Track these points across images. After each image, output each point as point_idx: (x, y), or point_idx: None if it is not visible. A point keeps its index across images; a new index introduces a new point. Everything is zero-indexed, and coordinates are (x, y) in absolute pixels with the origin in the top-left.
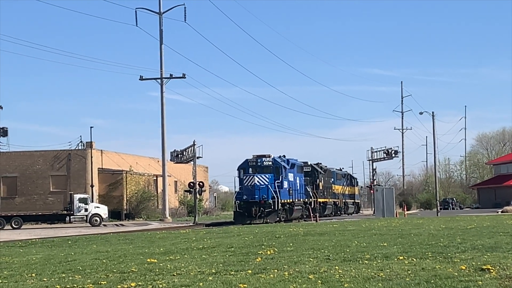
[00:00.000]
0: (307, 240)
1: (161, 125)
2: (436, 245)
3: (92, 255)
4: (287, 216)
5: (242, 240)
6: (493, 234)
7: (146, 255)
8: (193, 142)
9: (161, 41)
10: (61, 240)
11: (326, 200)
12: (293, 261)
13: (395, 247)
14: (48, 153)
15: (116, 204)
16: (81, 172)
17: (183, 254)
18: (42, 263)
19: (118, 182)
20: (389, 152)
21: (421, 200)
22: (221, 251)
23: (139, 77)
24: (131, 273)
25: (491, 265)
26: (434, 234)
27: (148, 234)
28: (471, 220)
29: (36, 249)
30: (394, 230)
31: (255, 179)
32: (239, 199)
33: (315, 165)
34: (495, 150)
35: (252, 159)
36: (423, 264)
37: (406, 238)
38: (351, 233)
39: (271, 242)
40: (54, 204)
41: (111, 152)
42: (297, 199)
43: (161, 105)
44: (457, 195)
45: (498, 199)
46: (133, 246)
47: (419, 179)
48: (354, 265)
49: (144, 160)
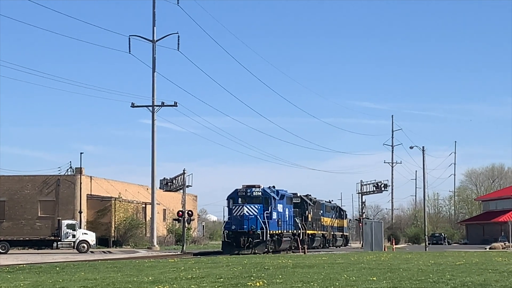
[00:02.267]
0: (296, 272)
1: (151, 153)
2: (426, 280)
3: (80, 283)
4: (276, 247)
5: (231, 270)
6: (482, 271)
7: (134, 284)
8: (183, 170)
9: (153, 69)
10: (49, 267)
11: (314, 232)
12: None
13: (385, 282)
14: (37, 178)
15: (104, 231)
16: (70, 198)
17: (172, 283)
18: None
19: (107, 209)
20: (379, 186)
21: (409, 235)
22: (210, 281)
23: (131, 104)
24: None
25: None
26: (423, 269)
27: (136, 262)
28: (460, 256)
29: (24, 275)
30: (383, 265)
31: (244, 209)
32: (227, 228)
33: (304, 197)
34: (484, 186)
35: (241, 189)
36: None
37: (395, 272)
38: (340, 266)
39: (260, 274)
40: (41, 229)
41: (101, 179)
42: (285, 230)
43: (152, 132)
44: (446, 230)
45: (487, 235)
46: (122, 274)
47: (408, 213)
48: None
49: (133, 187)
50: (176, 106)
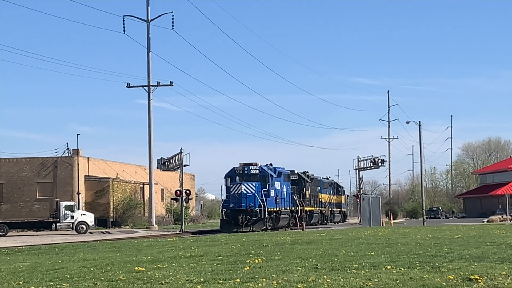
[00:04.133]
0: (295, 248)
1: (148, 133)
2: (424, 254)
3: (79, 263)
4: (274, 225)
5: (230, 248)
6: (480, 244)
7: (133, 263)
8: (180, 150)
9: (148, 49)
10: (48, 248)
11: (312, 209)
12: (281, 270)
13: (383, 256)
14: (35, 160)
15: (103, 212)
16: (68, 180)
17: (171, 262)
18: (29, 271)
19: (105, 189)
20: (376, 161)
21: (407, 209)
22: (209, 259)
23: (127, 85)
24: (119, 282)
25: (479, 275)
26: (421, 243)
27: (135, 242)
28: (458, 229)
29: (23, 256)
30: (381, 239)
31: (242, 187)
32: (225, 207)
33: (302, 174)
34: (481, 160)
35: (239, 167)
36: (411, 274)
37: (393, 247)
38: (338, 242)
39: (259, 251)
40: (40, 211)
41: (98, 160)
42: (283, 208)
43: (148, 112)
44: (443, 204)
45: (484, 208)
46: (121, 254)
47: (405, 188)
48: (342, 275)
49: (130, 167)
50: (171, 86)
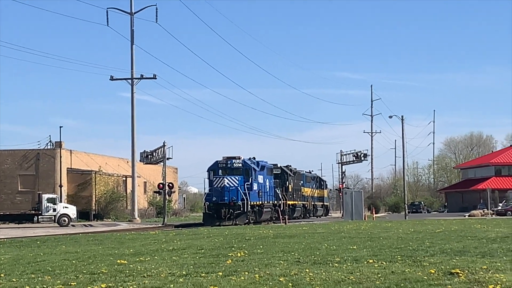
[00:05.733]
0: (277, 242)
1: (131, 126)
2: (405, 248)
3: (61, 256)
4: (256, 218)
5: (212, 242)
6: (461, 238)
7: (116, 256)
8: (163, 143)
9: (132, 42)
10: (30, 240)
11: (295, 203)
12: (263, 264)
13: (365, 250)
14: (17, 153)
15: (85, 205)
16: (50, 172)
17: (153, 255)
18: (11, 263)
19: (87, 182)
20: (358, 155)
21: (389, 203)
22: (191, 253)
23: (110, 77)
24: (101, 274)
25: (460, 269)
26: (403, 237)
27: (118, 235)
28: (439, 224)
29: (5, 249)
30: (363, 233)
31: (224, 181)
32: (208, 200)
33: (284, 168)
34: (463, 155)
35: (222, 161)
36: (393, 268)
37: (375, 241)
38: (321, 236)
39: (241, 244)
40: (22, 203)
41: (81, 152)
42: (266, 201)
43: (132, 105)
44: (425, 198)
45: (466, 203)
46: (103, 247)
47: (388, 183)
48: (324, 268)
49: (113, 160)
50: (155, 79)
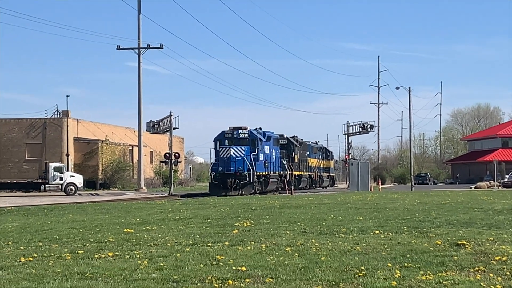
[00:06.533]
0: (283, 212)
1: (138, 95)
2: (412, 219)
3: (68, 224)
4: (262, 189)
5: (218, 211)
6: (467, 209)
7: (122, 225)
8: (169, 112)
9: (139, 11)
10: (37, 209)
11: (301, 173)
12: (269, 234)
13: (371, 221)
14: (24, 121)
15: (91, 174)
16: (57, 141)
17: (159, 225)
18: (18, 231)
19: (94, 151)
20: (365, 127)
21: (395, 175)
22: (197, 222)
23: (117, 47)
24: (108, 243)
25: (466, 240)
26: (409, 208)
27: (124, 204)
28: (445, 195)
29: (12, 217)
30: (369, 204)
31: (231, 151)
32: (214, 170)
33: (291, 138)
34: (470, 126)
35: (228, 131)
36: (399, 239)
37: (381, 212)
38: (327, 207)
39: (247, 214)
40: (29, 172)
41: (87, 122)
42: (272, 172)
43: (138, 75)
44: (431, 170)
45: (472, 174)
46: (109, 216)
47: (394, 154)
48: (330, 239)
49: (120, 130)
50: (162, 49)
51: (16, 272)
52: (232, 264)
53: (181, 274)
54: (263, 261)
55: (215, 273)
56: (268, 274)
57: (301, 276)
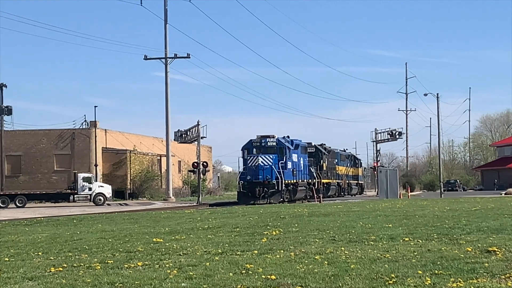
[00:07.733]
0: (312, 220)
1: (165, 105)
2: (441, 226)
3: (97, 234)
4: (291, 197)
5: (247, 220)
6: (498, 216)
7: (151, 235)
8: (197, 122)
9: (165, 21)
10: (66, 219)
11: (329, 181)
12: (298, 242)
13: (400, 229)
14: (52, 132)
15: (120, 184)
16: (85, 151)
17: (188, 234)
18: (48, 241)
19: (122, 161)
20: (393, 134)
21: (424, 182)
22: (226, 231)
23: (144, 57)
24: (138, 253)
25: (497, 247)
26: (439, 215)
27: (153, 214)
28: (475, 202)
29: (42, 227)
30: (399, 212)
31: (259, 159)
32: (243, 179)
33: (319, 146)
34: (499, 132)
35: (256, 139)
36: (429, 246)
37: (410, 219)
38: (356, 214)
39: (276, 223)
40: (58, 183)
41: (115, 132)
42: (300, 180)
43: (165, 85)
44: (461, 176)
45: (501, 181)
46: (138, 225)
47: (423, 161)
48: (360, 246)
49: (148, 139)
50: (189, 58)
51: (46, 282)
52: (262, 272)
53: (211, 283)
54: (292, 269)
55: (244, 282)
56: (298, 282)
57: (331, 284)
